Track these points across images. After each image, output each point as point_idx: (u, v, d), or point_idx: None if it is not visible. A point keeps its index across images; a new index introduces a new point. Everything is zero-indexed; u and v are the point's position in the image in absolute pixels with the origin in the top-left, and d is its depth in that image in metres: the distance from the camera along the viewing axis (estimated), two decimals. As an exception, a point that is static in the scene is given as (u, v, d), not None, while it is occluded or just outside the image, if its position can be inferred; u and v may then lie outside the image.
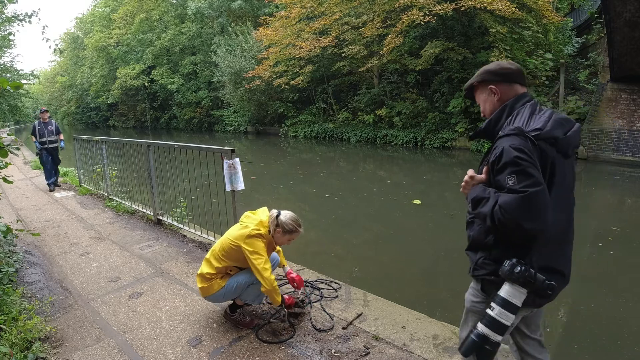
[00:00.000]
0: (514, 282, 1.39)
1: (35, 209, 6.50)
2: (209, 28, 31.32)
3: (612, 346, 3.47)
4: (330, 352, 2.44)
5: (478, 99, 1.74)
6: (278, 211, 2.66)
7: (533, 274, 1.37)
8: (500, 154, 1.41)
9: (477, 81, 1.70)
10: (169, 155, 4.73)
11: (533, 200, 1.30)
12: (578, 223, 1.67)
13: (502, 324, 1.39)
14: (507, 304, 1.39)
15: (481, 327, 1.43)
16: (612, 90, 12.24)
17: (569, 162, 1.51)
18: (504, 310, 1.39)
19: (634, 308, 4.09)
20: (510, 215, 1.32)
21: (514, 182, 1.34)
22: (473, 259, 1.63)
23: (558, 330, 3.81)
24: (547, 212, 1.32)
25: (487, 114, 1.70)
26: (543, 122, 1.47)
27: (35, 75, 22.93)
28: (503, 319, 1.39)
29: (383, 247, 6.04)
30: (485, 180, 1.54)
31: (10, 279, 3.45)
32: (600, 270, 5.11)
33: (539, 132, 1.43)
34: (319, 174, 12.54)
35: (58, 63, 57.64)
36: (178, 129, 34.96)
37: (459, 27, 16.23)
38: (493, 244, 1.52)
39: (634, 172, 10.90)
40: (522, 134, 1.41)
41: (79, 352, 2.55)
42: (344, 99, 21.84)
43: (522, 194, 1.31)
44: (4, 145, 2.56)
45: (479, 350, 1.42)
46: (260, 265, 2.51)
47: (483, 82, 1.68)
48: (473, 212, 1.52)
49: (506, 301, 1.39)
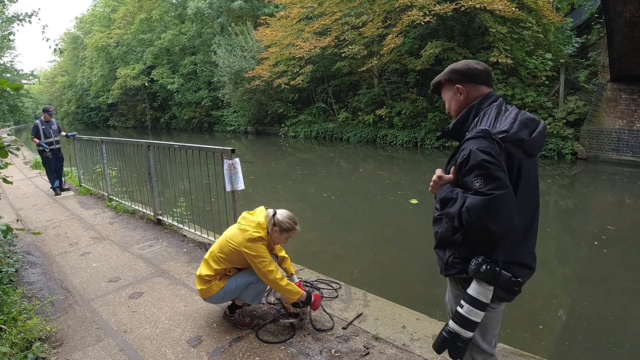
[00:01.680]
0: (481, 280, 1.43)
1: (35, 209, 6.50)
2: (209, 28, 31.31)
3: (603, 343, 3.47)
4: (330, 352, 2.44)
5: (444, 96, 1.75)
6: (274, 210, 2.67)
7: (498, 272, 1.42)
8: (467, 156, 1.43)
9: (445, 79, 1.72)
10: (169, 155, 4.73)
11: (499, 203, 1.32)
12: (577, 223, 1.67)
13: (472, 321, 1.44)
14: (475, 302, 1.44)
15: (452, 324, 1.48)
16: (612, 90, 12.23)
17: (533, 161, 1.54)
18: (472, 307, 1.44)
19: (626, 306, 4.10)
20: (476, 218, 1.34)
21: (481, 185, 1.36)
22: (442, 258, 1.64)
23: (551, 327, 3.81)
24: (512, 214, 1.35)
25: (452, 112, 1.72)
26: (509, 123, 1.49)
27: (35, 75, 22.90)
28: (472, 316, 1.44)
29: (383, 247, 6.04)
30: (453, 180, 1.56)
31: (10, 279, 3.45)
32: (594, 269, 5.13)
33: (505, 134, 1.45)
34: (319, 174, 12.54)
35: (58, 63, 57.62)
36: (178, 129, 34.96)
37: (459, 27, 16.23)
38: (461, 242, 1.54)
39: (634, 172, 10.90)
40: (489, 136, 1.42)
41: (79, 352, 2.56)
42: (344, 99, 21.83)
43: (488, 197, 1.33)
44: (4, 145, 2.56)
45: (451, 346, 1.48)
46: (265, 268, 2.51)
47: (450, 81, 1.70)
48: (441, 211, 1.54)
49: (474, 299, 1.44)
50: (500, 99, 1.65)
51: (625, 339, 3.55)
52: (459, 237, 1.54)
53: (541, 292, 4.50)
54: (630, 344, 3.47)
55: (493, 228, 1.33)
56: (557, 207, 8.37)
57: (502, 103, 1.62)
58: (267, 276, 2.53)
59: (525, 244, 1.54)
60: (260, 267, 2.52)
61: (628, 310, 4.04)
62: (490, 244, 1.46)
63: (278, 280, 2.54)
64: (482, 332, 1.62)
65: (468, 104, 1.65)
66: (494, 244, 1.46)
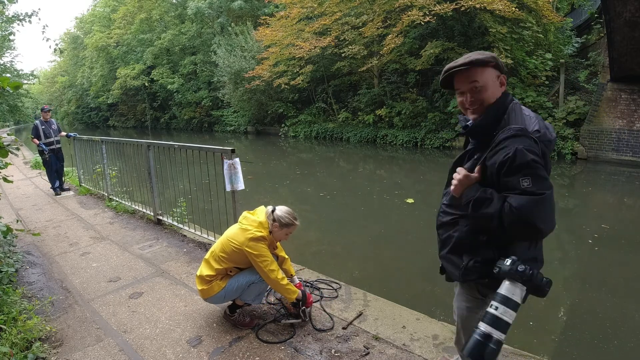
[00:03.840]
0: (515, 280, 1.40)
1: (35, 209, 6.50)
2: (209, 28, 31.30)
3: (603, 343, 3.47)
4: (330, 352, 2.44)
5: (479, 78, 1.54)
6: (273, 207, 2.68)
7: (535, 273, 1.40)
8: (513, 155, 1.39)
9: (492, 64, 1.55)
10: (169, 155, 4.73)
11: (548, 202, 1.35)
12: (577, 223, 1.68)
13: (505, 322, 1.39)
14: (508, 302, 1.40)
15: (484, 326, 1.41)
16: (612, 90, 12.23)
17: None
18: (506, 307, 1.39)
19: (626, 306, 4.10)
20: (526, 217, 1.33)
21: (529, 184, 1.35)
22: (458, 263, 1.59)
23: (551, 327, 3.81)
24: (554, 212, 1.38)
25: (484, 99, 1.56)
26: (537, 123, 1.50)
27: (35, 75, 22.90)
28: (506, 317, 1.39)
29: (383, 246, 6.04)
30: (480, 179, 1.52)
31: (10, 279, 3.45)
32: (594, 269, 5.14)
33: (539, 134, 1.46)
34: (319, 174, 12.54)
35: (58, 63, 57.60)
36: (178, 129, 34.96)
37: (459, 27, 16.22)
38: (485, 244, 1.51)
39: (634, 172, 10.89)
40: (529, 136, 1.42)
41: (79, 352, 2.55)
42: (344, 99, 21.83)
43: (539, 196, 1.34)
44: (4, 145, 2.56)
45: (484, 348, 1.39)
46: (266, 267, 2.53)
47: (497, 66, 1.57)
48: (474, 213, 1.48)
49: (508, 299, 1.40)
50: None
51: (625, 339, 3.55)
52: (484, 239, 1.51)
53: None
54: (630, 344, 3.47)
55: (542, 227, 1.34)
56: (557, 207, 8.36)
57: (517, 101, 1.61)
58: (268, 275, 2.54)
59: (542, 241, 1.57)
60: (262, 267, 2.53)
61: (628, 310, 4.04)
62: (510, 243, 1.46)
63: (280, 280, 2.56)
64: None
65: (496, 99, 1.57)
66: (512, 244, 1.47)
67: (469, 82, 1.56)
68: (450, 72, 1.60)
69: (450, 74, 1.60)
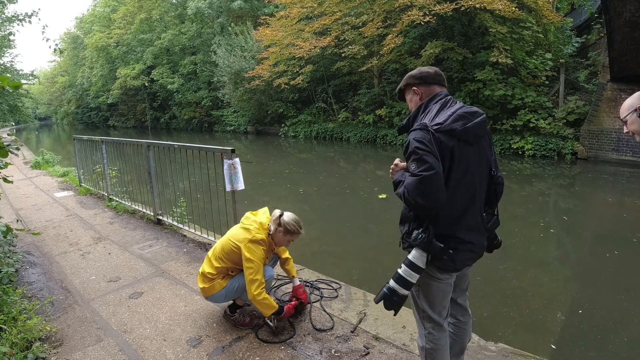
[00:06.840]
0: (417, 247, 1.69)
1: (35, 209, 6.50)
2: (209, 28, 31.29)
3: (603, 342, 3.47)
4: (330, 352, 2.44)
5: (407, 100, 2.00)
6: (281, 211, 2.67)
7: (430, 241, 1.67)
8: (407, 145, 1.70)
9: (403, 85, 1.96)
10: (169, 155, 4.73)
11: (425, 181, 1.58)
12: (578, 223, 1.68)
13: (408, 281, 1.71)
14: (412, 265, 1.70)
15: (392, 282, 1.75)
16: (612, 90, 12.23)
17: (475, 148, 1.75)
18: (409, 269, 1.70)
19: (626, 305, 4.10)
20: (410, 194, 1.62)
21: (415, 168, 1.62)
22: (401, 233, 1.88)
23: (551, 327, 3.81)
24: (437, 191, 1.59)
25: (410, 109, 1.97)
26: (446, 117, 1.72)
27: (35, 75, 22.85)
28: (408, 277, 1.70)
29: (383, 246, 6.03)
30: (405, 167, 1.78)
31: (10, 279, 3.45)
32: (593, 269, 5.12)
33: (439, 126, 1.69)
34: (319, 174, 12.54)
35: (58, 63, 57.54)
36: (178, 129, 34.95)
37: (459, 27, 16.21)
38: (412, 218, 1.80)
39: (634, 172, 10.89)
40: (425, 128, 1.67)
41: (79, 352, 2.56)
42: (344, 99, 21.82)
43: (418, 177, 1.59)
44: (4, 145, 2.56)
45: (388, 300, 1.75)
46: (250, 275, 2.49)
47: (408, 85, 1.93)
48: (395, 192, 1.78)
49: (411, 262, 1.70)
50: (449, 96, 1.85)
51: (625, 339, 3.55)
52: (412, 214, 1.80)
53: (541, 292, 4.51)
54: (630, 344, 3.47)
55: (421, 202, 1.60)
56: (557, 207, 8.37)
57: (449, 100, 1.82)
58: (248, 285, 2.50)
59: (465, 220, 1.75)
60: (246, 273, 2.51)
61: (628, 310, 4.04)
62: (426, 217, 1.71)
63: (256, 296, 2.49)
64: (429, 302, 1.85)
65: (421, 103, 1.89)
66: (433, 219, 1.70)
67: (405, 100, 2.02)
68: None
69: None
